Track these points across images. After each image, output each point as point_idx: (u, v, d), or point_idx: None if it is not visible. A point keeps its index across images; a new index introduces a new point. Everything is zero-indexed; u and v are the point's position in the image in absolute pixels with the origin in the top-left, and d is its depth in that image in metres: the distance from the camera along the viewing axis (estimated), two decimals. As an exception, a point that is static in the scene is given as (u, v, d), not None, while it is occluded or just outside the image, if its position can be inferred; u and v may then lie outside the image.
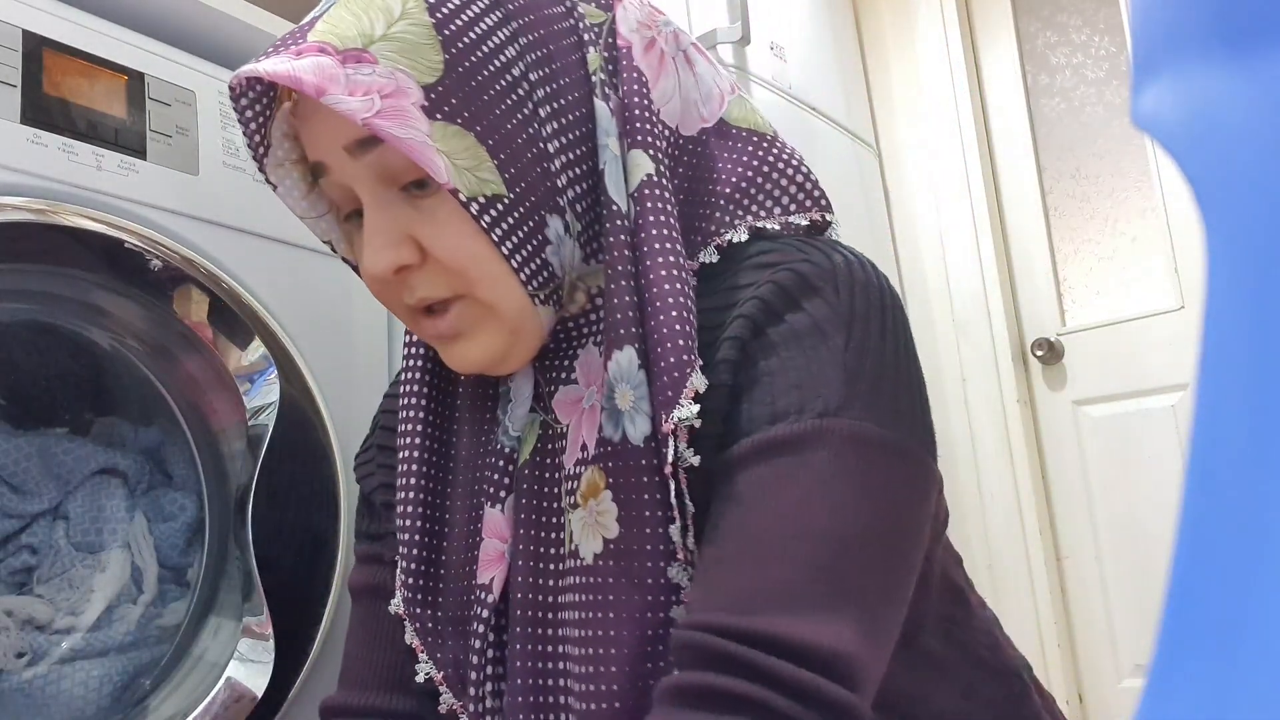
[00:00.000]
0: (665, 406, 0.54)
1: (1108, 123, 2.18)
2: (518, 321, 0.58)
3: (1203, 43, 0.21)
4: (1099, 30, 2.22)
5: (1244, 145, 0.20)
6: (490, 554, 0.60)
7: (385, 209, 0.57)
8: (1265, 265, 0.19)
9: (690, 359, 0.54)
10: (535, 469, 0.60)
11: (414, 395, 0.67)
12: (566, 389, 0.61)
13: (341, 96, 0.52)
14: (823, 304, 0.55)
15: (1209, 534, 0.19)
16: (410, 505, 0.64)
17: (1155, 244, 2.11)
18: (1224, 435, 0.20)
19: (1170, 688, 0.19)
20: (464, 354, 0.59)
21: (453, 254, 0.56)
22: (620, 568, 0.54)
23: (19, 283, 0.90)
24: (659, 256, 0.56)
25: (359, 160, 0.56)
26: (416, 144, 0.52)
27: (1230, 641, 0.19)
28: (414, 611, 0.63)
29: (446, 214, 0.56)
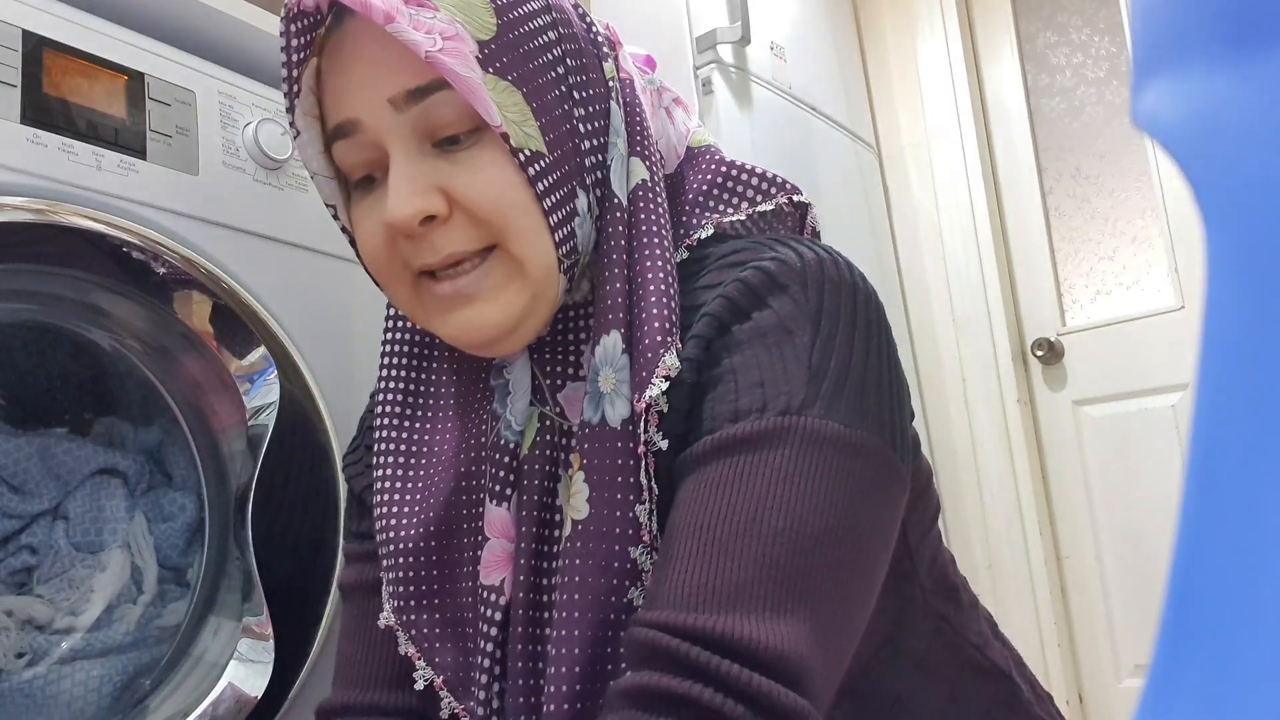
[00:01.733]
0: (640, 388, 0.54)
1: (1108, 123, 2.18)
2: (543, 283, 0.58)
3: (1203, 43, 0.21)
4: (1099, 30, 2.22)
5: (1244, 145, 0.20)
6: (497, 554, 0.59)
7: (415, 161, 0.56)
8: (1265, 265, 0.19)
9: (668, 341, 0.55)
10: (537, 463, 0.60)
11: (393, 390, 0.66)
12: (574, 385, 0.60)
13: (406, 27, 0.53)
14: (789, 301, 0.55)
15: (1209, 534, 0.19)
16: (392, 507, 0.63)
17: (1155, 244, 2.11)
18: (1224, 435, 0.20)
19: (1170, 688, 0.19)
20: (477, 317, 0.57)
21: (492, 201, 0.56)
22: (587, 549, 0.54)
23: (19, 283, 0.90)
24: (650, 249, 0.58)
25: (402, 113, 0.56)
26: (475, 84, 0.54)
27: (1230, 641, 0.19)
28: (406, 620, 0.62)
29: (485, 163, 0.56)
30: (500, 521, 0.60)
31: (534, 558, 0.59)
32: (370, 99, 0.56)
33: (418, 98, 0.55)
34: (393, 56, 0.55)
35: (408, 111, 0.56)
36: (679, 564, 0.50)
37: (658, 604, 0.50)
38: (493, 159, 0.56)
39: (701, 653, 0.46)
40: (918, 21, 2.40)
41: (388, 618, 0.63)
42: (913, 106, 2.38)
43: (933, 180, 2.33)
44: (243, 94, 1.05)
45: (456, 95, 0.55)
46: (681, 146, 0.67)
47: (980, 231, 2.26)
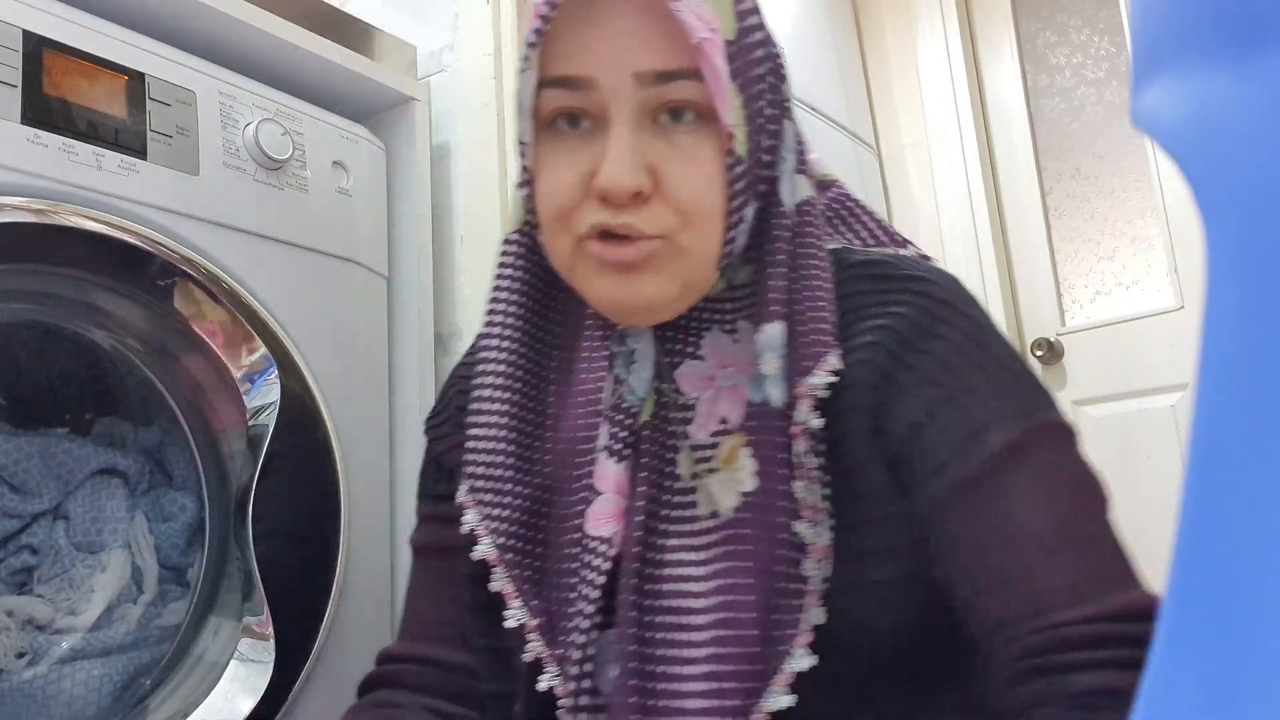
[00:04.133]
0: (801, 374, 0.58)
1: (1108, 123, 2.18)
2: (699, 276, 0.61)
3: (1203, 43, 0.21)
4: (1099, 30, 2.21)
5: (1244, 146, 0.20)
6: (610, 508, 0.61)
7: (638, 132, 0.58)
8: (1265, 265, 0.19)
9: (830, 340, 0.59)
10: (656, 433, 0.63)
11: (509, 339, 0.67)
12: (692, 364, 0.63)
13: (688, 11, 0.55)
14: (966, 318, 0.61)
15: (1209, 534, 0.19)
16: (503, 456, 0.65)
17: (1155, 244, 2.11)
18: (1224, 435, 0.20)
19: (1170, 687, 0.19)
20: (632, 288, 0.60)
21: (696, 195, 0.58)
22: (757, 519, 0.58)
23: (19, 283, 0.90)
24: (813, 257, 0.62)
25: (643, 88, 0.57)
26: (724, 84, 0.56)
27: (1230, 641, 0.19)
28: (509, 559, 0.63)
29: (701, 157, 0.58)
30: (614, 477, 0.62)
31: (648, 516, 0.61)
32: (615, 67, 0.57)
33: (664, 80, 0.57)
34: (650, 31, 0.56)
35: (648, 88, 0.57)
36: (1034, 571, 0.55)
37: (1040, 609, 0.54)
38: (708, 154, 0.58)
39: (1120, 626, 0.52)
40: (918, 21, 2.39)
41: (487, 551, 0.64)
42: (913, 106, 2.38)
43: (933, 180, 2.33)
44: (243, 94, 1.05)
45: (699, 86, 0.57)
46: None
47: (980, 231, 2.26)
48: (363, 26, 1.25)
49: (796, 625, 0.56)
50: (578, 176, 0.59)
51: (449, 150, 1.30)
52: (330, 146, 1.13)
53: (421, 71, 1.34)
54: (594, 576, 0.60)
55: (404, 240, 1.24)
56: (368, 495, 1.12)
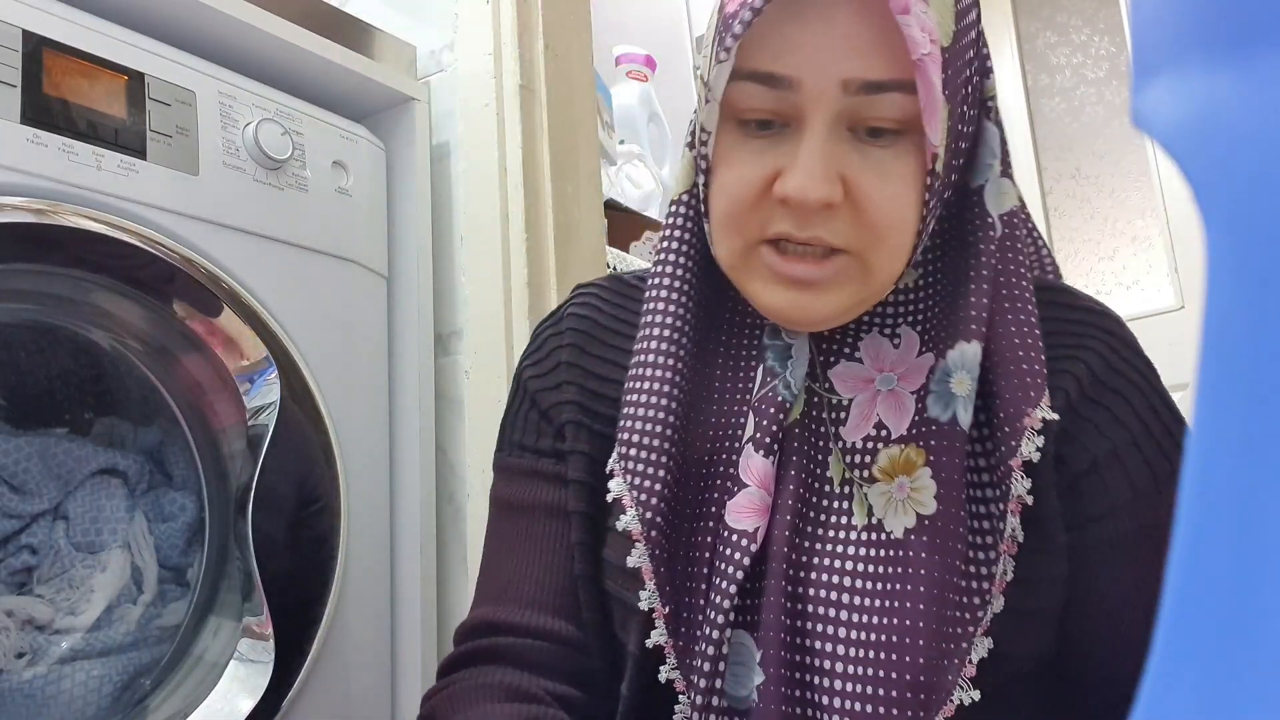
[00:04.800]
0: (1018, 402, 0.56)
1: (1108, 123, 2.19)
2: (879, 290, 0.58)
3: (1203, 43, 0.21)
4: (1099, 30, 2.22)
5: (1244, 145, 0.20)
6: (754, 502, 0.59)
7: (832, 141, 0.55)
8: (1265, 265, 0.19)
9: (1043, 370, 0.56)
10: (806, 432, 0.60)
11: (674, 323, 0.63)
12: (848, 365, 0.61)
13: (915, 25, 0.51)
14: (1147, 365, 0.61)
15: (1209, 534, 0.19)
16: (663, 440, 0.61)
17: (1155, 244, 2.11)
18: (1224, 435, 0.20)
19: (1170, 688, 0.19)
20: (807, 304, 0.57)
21: (889, 210, 0.55)
22: (935, 544, 0.55)
23: (19, 283, 0.90)
24: (1021, 277, 0.59)
25: (848, 96, 0.54)
26: (939, 103, 0.52)
27: (1230, 641, 0.19)
28: (653, 536, 0.59)
29: (897, 172, 0.55)
30: (761, 471, 0.59)
31: (796, 517, 0.59)
32: (824, 70, 0.53)
33: (873, 90, 0.53)
34: (866, 38, 0.52)
35: (854, 97, 0.54)
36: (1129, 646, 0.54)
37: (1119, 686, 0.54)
38: (905, 169, 0.55)
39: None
40: (918, 21, 2.40)
41: (632, 523, 0.60)
42: (913, 106, 2.38)
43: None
44: (243, 94, 1.05)
45: (907, 100, 0.53)
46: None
47: (980, 231, 2.27)
48: (362, 26, 1.25)
49: (964, 656, 0.55)
50: (761, 177, 0.56)
51: (449, 150, 1.30)
52: (330, 146, 1.13)
53: (421, 71, 1.34)
54: (733, 571, 0.57)
55: (404, 240, 1.24)
56: (367, 495, 1.12)
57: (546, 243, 1.23)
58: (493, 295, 1.21)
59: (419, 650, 1.12)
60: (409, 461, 1.18)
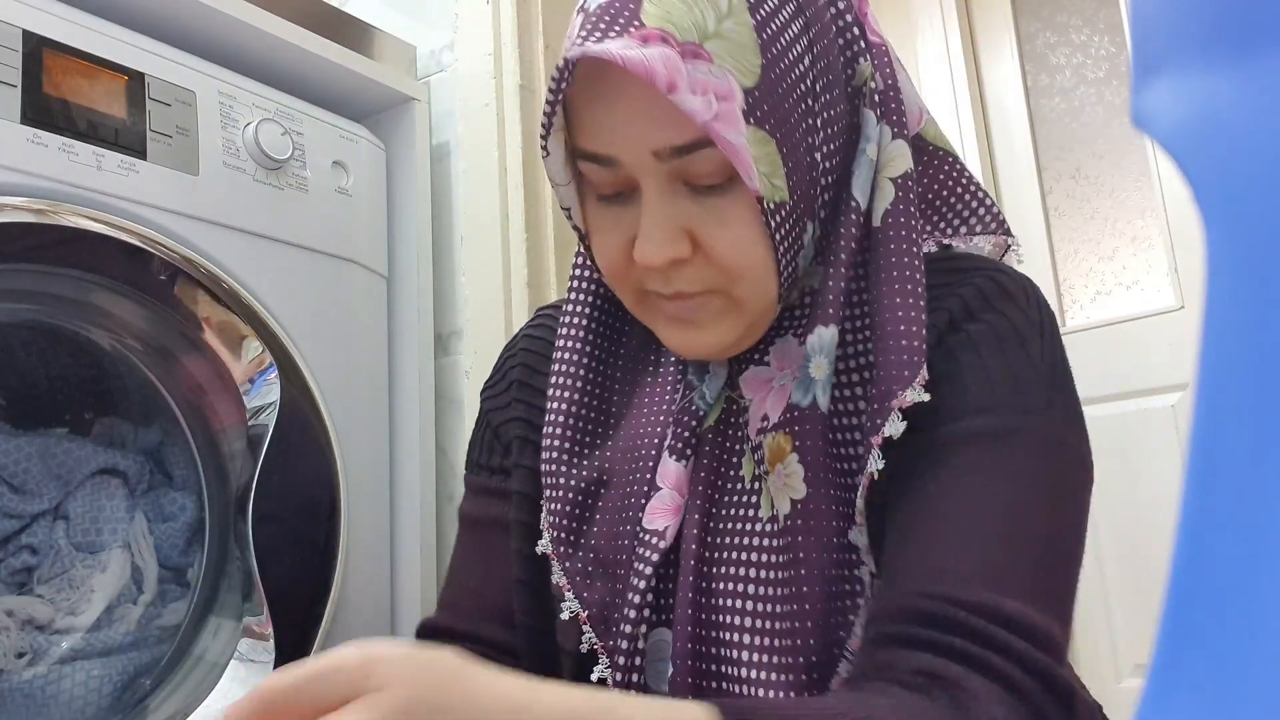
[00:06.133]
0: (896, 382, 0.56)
1: (1108, 123, 2.19)
2: (760, 316, 0.60)
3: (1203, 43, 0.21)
4: (1099, 30, 2.22)
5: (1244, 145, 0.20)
6: (667, 504, 0.62)
7: (668, 202, 0.57)
8: (1265, 265, 0.19)
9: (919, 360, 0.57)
10: (719, 436, 0.64)
11: (577, 342, 0.68)
12: (757, 369, 0.63)
13: (687, 96, 0.52)
14: (1018, 311, 0.60)
15: (1209, 534, 0.19)
16: (563, 452, 0.66)
17: (1155, 244, 2.11)
18: (1224, 435, 0.20)
19: (1170, 688, 0.19)
20: (695, 340, 0.61)
21: (737, 255, 0.57)
22: (809, 526, 0.58)
23: (19, 283, 0.90)
24: (903, 255, 0.59)
25: (664, 162, 0.56)
26: (742, 151, 0.53)
27: (1230, 641, 0.19)
28: (563, 551, 0.65)
29: (735, 215, 0.57)
30: (675, 475, 0.63)
31: (705, 515, 0.62)
32: (634, 146, 0.56)
33: (683, 153, 0.55)
34: (662, 106, 0.54)
35: (670, 162, 0.56)
36: (944, 545, 0.54)
37: (930, 579, 0.53)
38: (742, 212, 0.57)
39: (990, 626, 0.50)
40: (918, 21, 2.40)
41: (546, 546, 0.66)
42: (913, 106, 2.38)
43: (933, 180, 2.33)
44: (243, 94, 1.05)
45: (719, 153, 0.55)
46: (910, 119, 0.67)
47: (980, 231, 2.26)
48: (362, 26, 1.25)
49: (851, 629, 0.57)
50: (622, 244, 0.60)
51: (449, 150, 1.30)
52: (330, 146, 1.13)
53: (421, 71, 1.34)
54: (644, 568, 0.61)
55: (404, 240, 1.24)
56: (367, 495, 1.12)
57: (546, 243, 1.23)
58: (493, 295, 1.21)
59: (419, 650, 1.12)
60: (409, 461, 1.18)
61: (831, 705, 0.48)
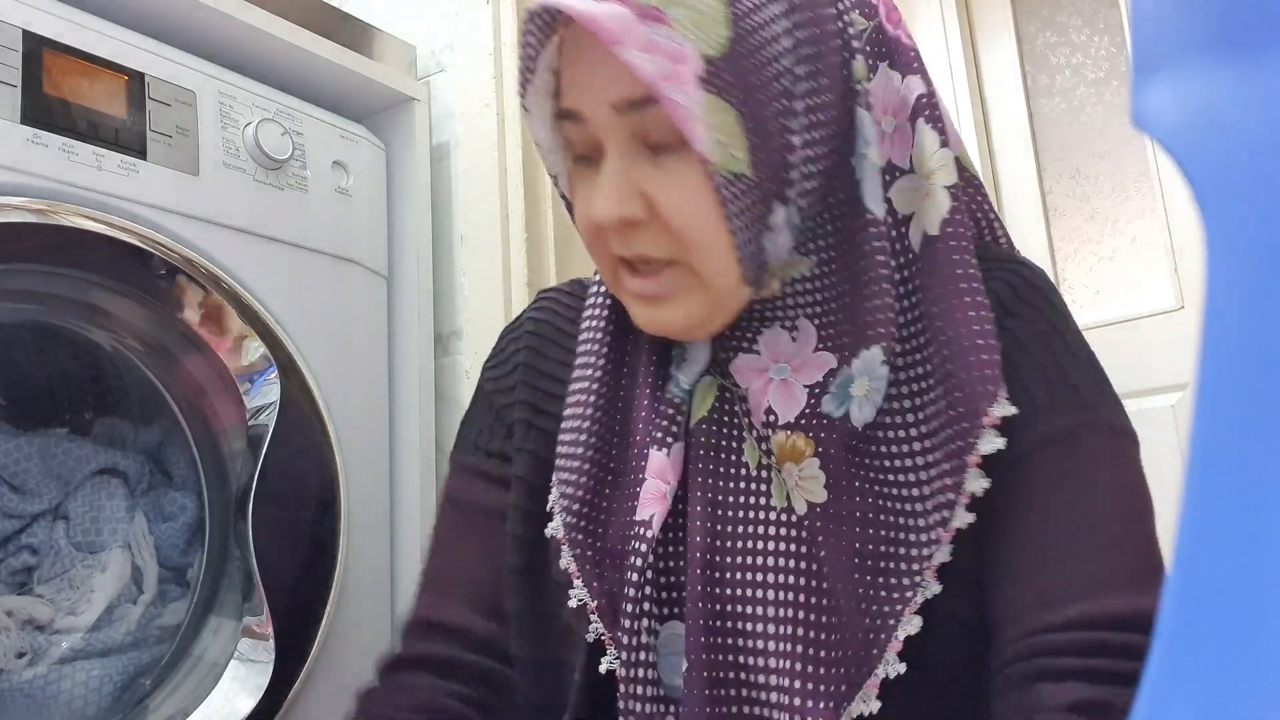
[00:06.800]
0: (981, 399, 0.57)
1: (1108, 123, 2.18)
2: (722, 297, 0.60)
3: (1203, 43, 0.21)
4: (1099, 30, 2.22)
5: (1244, 146, 0.20)
6: (652, 493, 0.62)
7: (627, 161, 0.59)
8: (1265, 265, 0.19)
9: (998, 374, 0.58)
10: (715, 425, 0.63)
11: (597, 336, 0.69)
12: (746, 357, 0.63)
13: (634, 52, 0.54)
14: (1050, 304, 0.62)
15: (1209, 534, 0.19)
16: (584, 447, 0.66)
17: (1155, 244, 2.11)
18: (1224, 435, 0.20)
19: (1170, 688, 0.19)
20: (662, 317, 0.61)
21: (685, 218, 0.58)
22: (831, 530, 0.58)
23: (19, 283, 0.90)
24: (966, 266, 0.61)
25: (621, 116, 0.58)
26: (687, 113, 0.55)
27: (1230, 641, 0.19)
28: (575, 538, 0.64)
29: (687, 179, 0.58)
30: (659, 464, 0.62)
31: (713, 505, 0.61)
32: (594, 99, 0.59)
33: (636, 108, 0.57)
34: (618, 64, 0.56)
35: (626, 116, 0.58)
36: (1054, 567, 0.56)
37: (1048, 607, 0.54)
38: (696, 176, 0.57)
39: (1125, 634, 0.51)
40: (917, 22, 2.40)
41: (557, 530, 0.65)
42: (913, 106, 2.38)
43: (933, 180, 2.33)
44: (243, 94, 1.05)
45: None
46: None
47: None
48: (363, 26, 1.25)
49: (891, 633, 0.56)
50: (590, 218, 0.61)
51: (449, 150, 1.30)
52: (330, 146, 1.13)
53: (421, 71, 1.34)
54: (636, 560, 0.60)
55: (404, 240, 1.24)
56: (367, 495, 1.12)
57: (546, 243, 1.23)
58: (493, 295, 1.21)
59: (419, 650, 1.12)
60: (409, 461, 1.18)
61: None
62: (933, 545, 0.57)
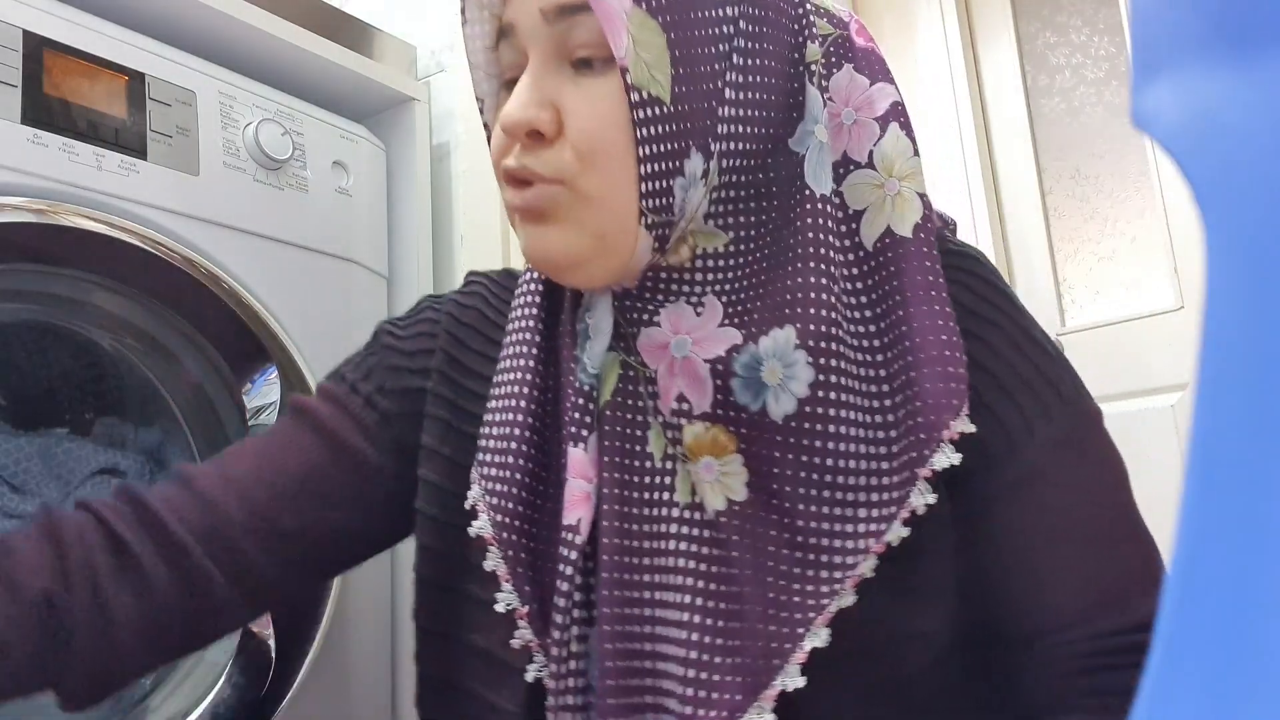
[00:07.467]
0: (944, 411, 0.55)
1: (1108, 123, 2.18)
2: (612, 228, 0.57)
3: (1203, 43, 0.21)
4: (1099, 30, 2.22)
5: (1244, 146, 0.20)
6: (575, 494, 0.58)
7: (546, 73, 0.57)
8: (1265, 265, 0.19)
9: (964, 388, 0.56)
10: (619, 410, 0.59)
11: (529, 325, 0.65)
12: (649, 331, 0.59)
13: None
14: (1008, 300, 0.62)
15: (1209, 534, 0.19)
16: (515, 441, 0.61)
17: (1155, 244, 2.11)
18: (1224, 435, 0.20)
19: (1170, 688, 0.19)
20: (541, 239, 0.59)
21: (592, 133, 0.56)
22: (747, 530, 0.56)
23: (19, 283, 0.90)
24: (934, 275, 0.59)
25: (550, 25, 0.57)
26: (614, 13, 0.54)
27: (1230, 641, 0.19)
28: (507, 538, 0.59)
29: (602, 96, 0.56)
30: (579, 463, 0.58)
31: (624, 504, 0.57)
32: (527, 6, 0.58)
33: (565, 15, 0.56)
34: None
35: (554, 25, 0.57)
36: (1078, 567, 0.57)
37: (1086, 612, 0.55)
38: (609, 93, 0.56)
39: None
40: (917, 22, 2.40)
41: (484, 528, 0.61)
42: (912, 107, 2.38)
43: (932, 180, 2.33)
44: (243, 94, 1.05)
45: (599, 25, 0.55)
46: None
47: (979, 232, 2.26)
48: (363, 26, 1.25)
49: (797, 642, 0.53)
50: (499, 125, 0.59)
51: (449, 150, 1.30)
52: (330, 146, 1.13)
53: (421, 71, 1.34)
54: (565, 568, 0.57)
55: (404, 240, 1.24)
56: (368, 495, 1.12)
57: (546, 243, 1.23)
58: (493, 295, 1.21)
59: (419, 650, 1.12)
60: (409, 461, 1.18)
61: None
62: (859, 555, 0.54)
